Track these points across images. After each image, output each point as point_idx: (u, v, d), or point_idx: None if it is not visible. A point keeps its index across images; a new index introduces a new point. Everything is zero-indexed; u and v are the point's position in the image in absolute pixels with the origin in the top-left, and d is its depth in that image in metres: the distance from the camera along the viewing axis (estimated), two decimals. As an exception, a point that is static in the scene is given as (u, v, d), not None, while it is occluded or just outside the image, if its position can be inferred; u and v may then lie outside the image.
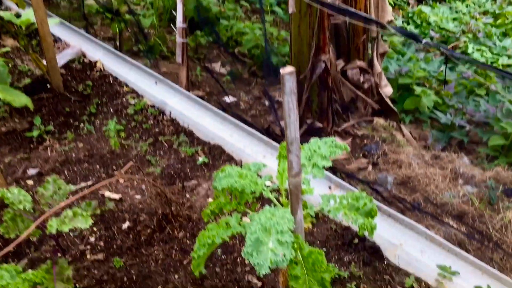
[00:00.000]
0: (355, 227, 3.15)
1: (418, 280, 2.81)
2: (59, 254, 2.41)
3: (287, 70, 1.64)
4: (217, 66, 6.09)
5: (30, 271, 2.30)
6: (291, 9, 3.97)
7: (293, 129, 1.77)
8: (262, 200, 3.25)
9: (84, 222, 2.24)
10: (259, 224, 1.82)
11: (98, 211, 2.43)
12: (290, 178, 1.89)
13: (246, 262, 2.91)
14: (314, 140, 2.20)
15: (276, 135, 4.42)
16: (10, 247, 2.04)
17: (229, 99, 5.27)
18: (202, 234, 2.08)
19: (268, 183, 2.22)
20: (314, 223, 3.20)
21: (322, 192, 3.27)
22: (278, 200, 2.18)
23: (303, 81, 4.19)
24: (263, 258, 1.73)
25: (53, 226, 2.20)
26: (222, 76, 5.70)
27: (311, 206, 2.13)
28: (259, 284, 2.76)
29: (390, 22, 4.82)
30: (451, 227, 3.18)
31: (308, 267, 1.90)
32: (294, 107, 1.72)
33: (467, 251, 3.21)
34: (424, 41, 3.07)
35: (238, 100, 5.31)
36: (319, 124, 4.35)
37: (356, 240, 3.04)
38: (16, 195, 2.29)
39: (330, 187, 3.31)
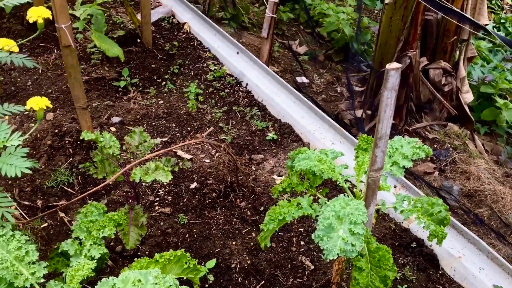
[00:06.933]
0: (415, 231, 3.14)
1: (471, 295, 2.78)
2: (135, 201, 2.59)
3: (393, 66, 1.65)
4: (294, 45, 6.08)
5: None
6: (388, -1, 3.89)
7: (386, 125, 1.79)
8: (331, 187, 3.30)
9: (165, 176, 2.38)
10: (333, 211, 1.88)
11: (176, 168, 2.58)
12: (370, 172, 1.92)
13: (301, 243, 2.99)
14: (397, 138, 2.21)
15: (345, 123, 4.41)
16: (100, 187, 2.22)
17: (302, 79, 5.28)
18: (273, 209, 2.17)
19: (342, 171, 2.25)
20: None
21: (386, 189, 3.29)
22: (351, 191, 2.21)
23: (384, 74, 4.11)
24: (333, 244, 1.79)
25: (137, 174, 2.36)
26: (298, 55, 5.70)
27: (383, 203, 2.15)
28: (312, 267, 2.84)
29: (485, 25, 4.61)
30: (515, 250, 3.09)
31: (373, 262, 1.94)
32: (392, 103, 1.74)
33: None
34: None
35: (311, 81, 5.31)
36: (391, 120, 4.28)
37: (414, 244, 3.03)
38: (107, 140, 2.47)
39: (395, 186, 3.29)
